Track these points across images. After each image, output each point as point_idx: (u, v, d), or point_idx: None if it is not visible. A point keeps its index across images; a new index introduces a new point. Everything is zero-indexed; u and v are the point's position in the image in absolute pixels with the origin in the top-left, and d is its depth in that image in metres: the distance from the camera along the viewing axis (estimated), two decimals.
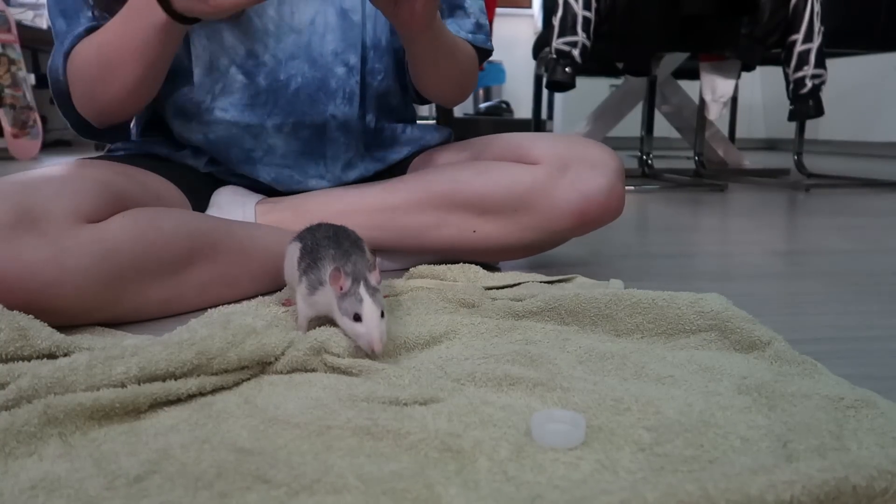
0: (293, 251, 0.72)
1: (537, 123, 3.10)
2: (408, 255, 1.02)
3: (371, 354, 0.62)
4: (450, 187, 0.97)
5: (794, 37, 2.32)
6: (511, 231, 0.96)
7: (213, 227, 0.87)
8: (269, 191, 1.05)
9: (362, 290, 0.62)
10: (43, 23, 3.76)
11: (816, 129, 4.48)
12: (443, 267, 0.95)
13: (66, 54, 0.91)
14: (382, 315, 0.62)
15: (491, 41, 1.11)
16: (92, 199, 0.76)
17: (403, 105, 1.13)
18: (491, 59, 1.86)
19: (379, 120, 1.07)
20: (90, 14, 0.92)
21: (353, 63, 0.99)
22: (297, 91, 0.98)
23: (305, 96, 0.98)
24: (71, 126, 0.98)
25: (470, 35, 1.07)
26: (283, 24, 0.95)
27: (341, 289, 0.62)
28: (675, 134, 3.35)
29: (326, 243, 0.68)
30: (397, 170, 1.10)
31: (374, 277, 0.64)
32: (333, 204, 0.99)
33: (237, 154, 1.01)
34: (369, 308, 0.61)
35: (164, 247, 0.78)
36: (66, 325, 0.70)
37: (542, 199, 0.95)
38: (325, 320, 0.68)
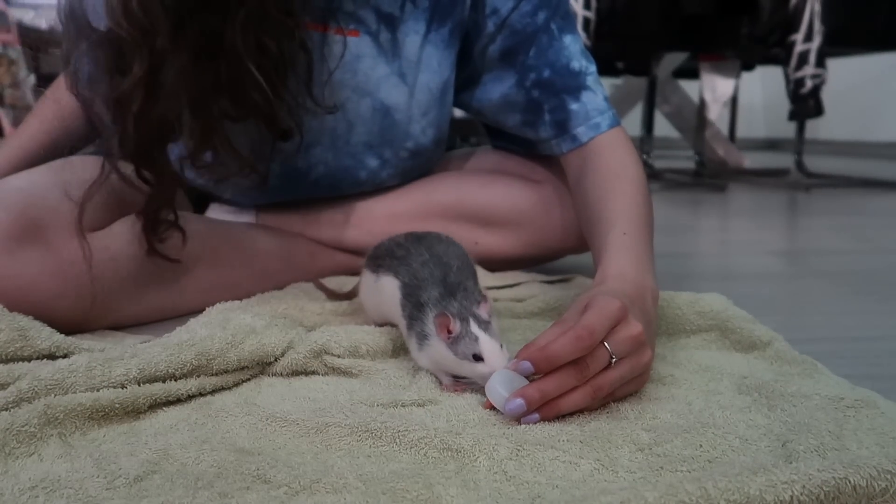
0: (391, 288, 0.63)
1: None
2: None
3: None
4: (455, 198, 0.96)
5: (793, 37, 2.32)
6: (513, 245, 0.96)
7: (213, 230, 0.87)
8: None
9: (474, 327, 0.55)
10: (43, 23, 3.76)
11: (816, 129, 4.47)
12: None
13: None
14: (501, 347, 0.55)
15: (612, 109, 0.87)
16: (94, 206, 0.75)
17: (437, 160, 1.03)
18: None
19: (404, 182, 0.99)
20: None
21: (388, 157, 0.90)
22: (318, 180, 0.89)
23: (326, 185, 0.91)
24: None
25: (608, 119, 0.84)
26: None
27: (450, 333, 0.55)
28: (675, 134, 3.35)
29: (427, 277, 0.60)
30: None
31: (484, 310, 0.57)
32: (337, 210, 0.98)
33: (241, 202, 0.96)
34: (488, 345, 0.54)
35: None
36: (66, 331, 0.70)
37: (544, 218, 0.95)
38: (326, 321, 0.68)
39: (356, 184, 0.93)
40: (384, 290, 0.65)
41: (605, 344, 0.51)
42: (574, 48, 0.86)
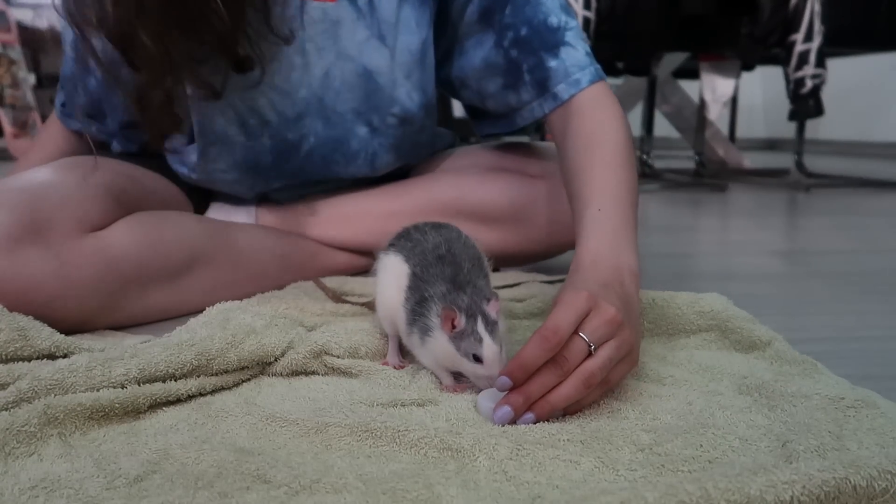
0: (397, 272, 0.61)
1: (538, 123, 3.09)
2: None
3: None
4: (454, 195, 0.96)
5: (794, 36, 2.32)
6: (512, 241, 0.96)
7: (214, 231, 0.87)
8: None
9: (480, 326, 0.54)
10: (43, 23, 3.76)
11: (816, 129, 4.47)
12: None
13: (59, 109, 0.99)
14: (501, 350, 0.55)
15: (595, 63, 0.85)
16: (95, 206, 0.75)
17: (431, 137, 1.02)
18: None
19: (400, 160, 0.98)
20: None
21: (377, 124, 0.90)
22: (310, 152, 0.89)
23: (319, 158, 0.90)
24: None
25: (589, 74, 0.83)
26: (289, 77, 0.84)
27: (454, 327, 0.55)
28: (675, 134, 3.35)
29: (437, 274, 0.58)
30: (399, 171, 1.10)
31: (492, 309, 0.56)
32: (337, 208, 0.98)
33: (239, 193, 0.97)
34: (489, 349, 0.54)
35: (165, 254, 0.78)
36: (66, 331, 0.70)
37: (543, 214, 0.95)
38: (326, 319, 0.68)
39: (349, 156, 0.92)
40: (389, 269, 0.63)
41: (581, 334, 0.51)
42: (552, 3, 0.84)
